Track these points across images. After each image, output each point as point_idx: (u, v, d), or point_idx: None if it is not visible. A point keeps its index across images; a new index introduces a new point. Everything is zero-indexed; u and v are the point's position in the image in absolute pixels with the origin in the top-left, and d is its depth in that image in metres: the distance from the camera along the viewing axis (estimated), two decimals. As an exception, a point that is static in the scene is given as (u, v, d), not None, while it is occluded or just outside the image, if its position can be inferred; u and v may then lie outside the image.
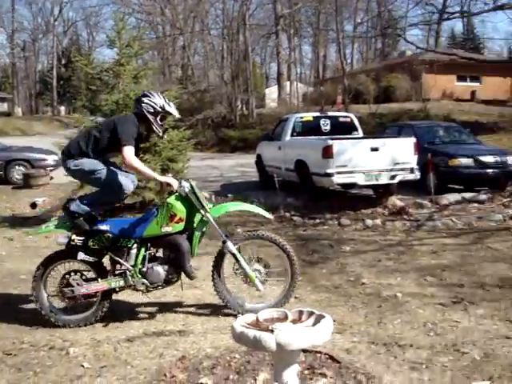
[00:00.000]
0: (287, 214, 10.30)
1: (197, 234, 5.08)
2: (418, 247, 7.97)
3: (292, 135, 12.80)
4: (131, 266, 5.04)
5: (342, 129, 12.88)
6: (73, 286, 5.01)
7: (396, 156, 10.75)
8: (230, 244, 5.08)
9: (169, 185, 4.96)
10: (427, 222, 9.39)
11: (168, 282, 5.10)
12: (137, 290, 5.14)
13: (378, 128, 21.53)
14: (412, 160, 10.85)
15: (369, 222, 9.21)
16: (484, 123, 25.99)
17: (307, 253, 7.57)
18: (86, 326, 5.04)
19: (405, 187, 11.40)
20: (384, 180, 10.76)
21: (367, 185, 11.18)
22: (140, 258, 5.05)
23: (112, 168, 5.15)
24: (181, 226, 4.98)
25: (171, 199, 4.99)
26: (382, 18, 44.17)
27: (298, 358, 3.36)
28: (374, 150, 10.68)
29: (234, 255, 5.09)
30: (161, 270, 5.01)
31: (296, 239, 8.59)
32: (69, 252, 5.09)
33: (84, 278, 5.08)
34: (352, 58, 57.14)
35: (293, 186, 12.08)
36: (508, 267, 6.71)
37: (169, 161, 10.69)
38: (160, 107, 5.10)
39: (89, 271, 5.12)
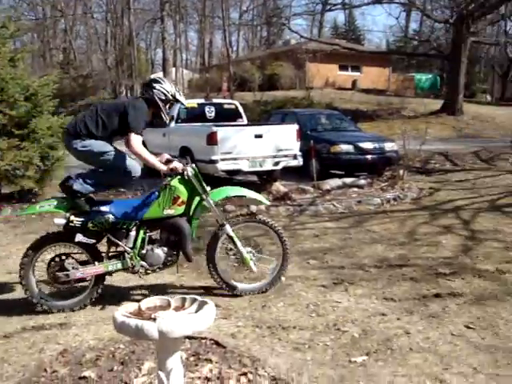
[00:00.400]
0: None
1: (196, 217, 5.15)
2: (302, 231, 8.16)
3: (177, 122, 12.71)
4: (130, 248, 4.99)
5: (227, 116, 12.95)
6: (68, 270, 4.86)
7: (279, 143, 10.96)
8: (228, 227, 5.18)
9: (173, 169, 4.98)
10: (310, 207, 9.63)
11: (166, 264, 5.10)
12: (133, 273, 5.09)
13: (262, 115, 21.83)
14: (295, 146, 11.09)
15: (253, 207, 9.31)
16: (364, 111, 27.09)
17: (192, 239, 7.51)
18: (80, 309, 4.95)
19: (288, 173, 11.64)
20: (268, 166, 10.94)
21: (252, 171, 11.31)
22: (139, 240, 5.02)
23: (120, 150, 5.09)
24: (182, 209, 5.03)
25: (175, 182, 5.01)
26: (268, 6, 44.69)
27: (182, 345, 3.35)
28: (258, 136, 10.82)
29: (231, 238, 5.20)
30: (160, 253, 5.03)
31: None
32: (64, 234, 4.94)
33: (79, 261, 4.95)
34: (238, 46, 57.64)
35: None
36: (384, 248, 7.04)
37: (49, 148, 10.30)
38: (171, 95, 5.14)
39: (81, 254, 5.01)
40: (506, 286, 5.47)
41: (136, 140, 4.88)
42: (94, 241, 4.93)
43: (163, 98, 5.11)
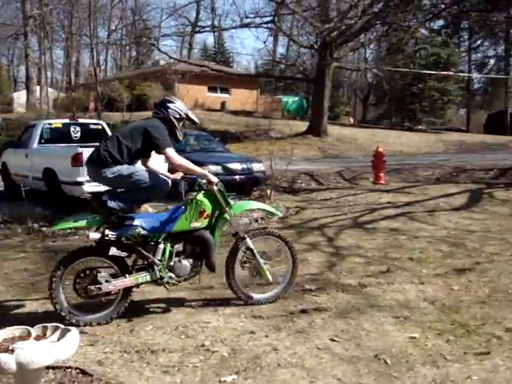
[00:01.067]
0: (35, 225, 9.74)
1: (218, 229, 5.46)
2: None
3: (40, 142, 12.21)
4: (158, 260, 5.19)
5: (93, 136, 12.58)
6: (100, 284, 4.97)
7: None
8: (248, 240, 5.52)
9: (210, 182, 5.25)
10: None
11: (191, 275, 5.38)
12: (160, 285, 5.32)
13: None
14: (163, 168, 11.00)
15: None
16: (232, 132, 27.51)
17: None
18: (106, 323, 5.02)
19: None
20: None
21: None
22: (167, 252, 5.25)
23: (146, 168, 5.42)
24: (207, 222, 5.33)
25: (200, 196, 5.31)
26: (137, 26, 44.36)
27: (45, 376, 3.18)
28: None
29: (251, 250, 5.53)
30: (187, 264, 5.31)
31: (45, 251, 8.16)
32: (96, 248, 5.10)
33: (111, 274, 5.07)
34: (106, 65, 56.48)
35: (41, 196, 11.49)
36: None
37: None
38: (184, 114, 5.47)
39: (110, 268, 5.12)
40: (367, 299, 5.74)
41: (173, 153, 5.18)
42: (126, 254, 5.13)
43: (177, 116, 5.42)
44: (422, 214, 10.69)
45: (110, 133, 13.14)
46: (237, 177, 12.81)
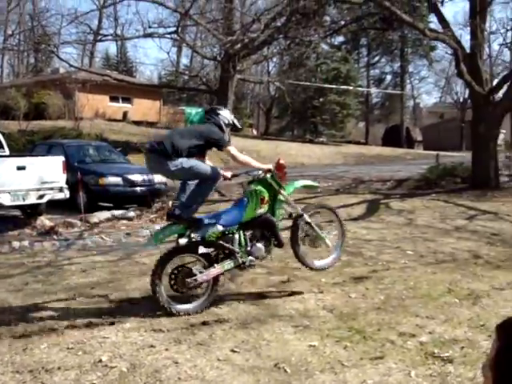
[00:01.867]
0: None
1: (277, 210, 6.22)
2: (69, 266, 7.84)
3: None
4: (238, 248, 5.89)
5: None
6: (195, 275, 5.63)
7: (44, 175, 10.48)
8: (306, 216, 6.33)
9: (268, 170, 6.08)
10: (77, 241, 9.33)
11: (266, 254, 6.13)
12: (242, 269, 6.06)
13: (28, 146, 20.73)
14: (61, 179, 10.68)
15: (16, 243, 8.75)
16: (134, 143, 27.07)
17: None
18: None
19: (55, 206, 11.16)
20: (32, 200, 10.38)
21: (14, 205, 10.62)
22: (242, 240, 5.95)
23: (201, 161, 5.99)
24: (268, 206, 6.09)
25: (257, 186, 6.07)
26: (36, 32, 42.84)
27: None
28: (21, 168, 10.22)
29: (309, 224, 6.36)
30: (261, 246, 6.03)
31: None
32: (189, 247, 5.77)
33: (203, 266, 5.76)
34: (2, 72, 54.17)
35: None
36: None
37: None
38: (231, 120, 6.16)
39: (199, 261, 5.80)
40: (268, 309, 5.79)
41: (235, 151, 5.95)
42: (212, 249, 5.82)
43: (226, 122, 6.09)
44: (321, 224, 10.91)
45: (4, 142, 12.61)
46: (137, 188, 12.65)
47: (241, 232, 5.97)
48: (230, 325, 5.28)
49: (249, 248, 5.97)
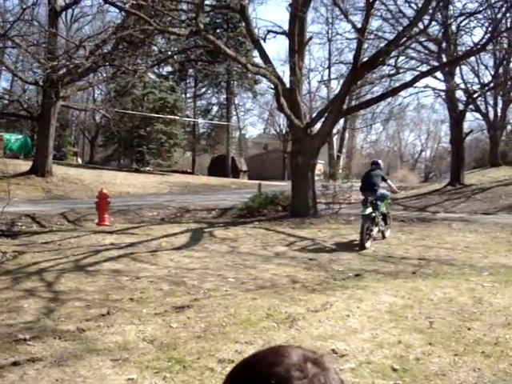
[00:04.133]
0: None
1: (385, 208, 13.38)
2: None
3: None
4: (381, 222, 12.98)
5: None
6: (379, 226, 12.84)
7: None
8: (380, 206, 12.73)
9: (394, 191, 13.89)
10: None
11: (385, 228, 13.34)
12: (378, 231, 12.86)
13: None
14: None
15: None
16: None
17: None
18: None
19: None
20: None
21: None
22: (381, 219, 12.80)
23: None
24: (385, 206, 13.17)
25: (388, 197, 13.36)
26: None
27: None
28: None
29: (384, 216, 13.16)
30: (384, 223, 13.19)
31: None
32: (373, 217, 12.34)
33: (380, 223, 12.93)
34: None
35: None
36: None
37: None
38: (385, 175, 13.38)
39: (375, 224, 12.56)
40: (85, 343, 5.57)
41: (391, 182, 13.65)
42: (381, 217, 12.89)
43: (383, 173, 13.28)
44: (144, 254, 10.83)
45: None
46: None
47: (380, 215, 12.57)
48: (44, 363, 5.00)
49: (382, 223, 12.85)
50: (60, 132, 40.92)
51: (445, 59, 23.89)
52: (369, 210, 11.83)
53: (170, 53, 27.01)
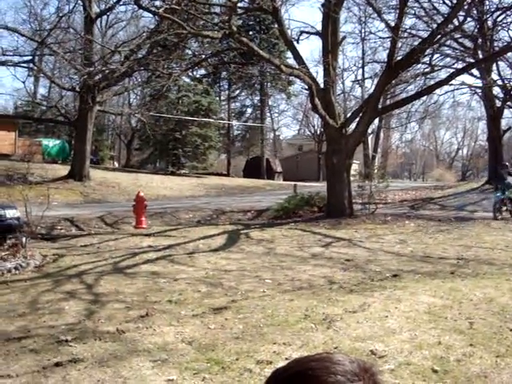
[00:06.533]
0: None
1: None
2: None
3: None
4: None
5: None
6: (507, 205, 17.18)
7: None
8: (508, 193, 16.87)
9: None
10: None
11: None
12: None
13: None
14: None
15: None
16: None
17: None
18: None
19: None
20: None
21: None
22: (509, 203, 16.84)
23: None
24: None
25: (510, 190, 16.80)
26: None
27: None
28: None
29: (510, 199, 16.57)
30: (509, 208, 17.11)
31: None
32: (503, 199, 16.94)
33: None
34: None
35: None
36: (3, 321, 6.62)
37: None
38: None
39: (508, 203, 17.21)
40: (125, 345, 5.63)
41: None
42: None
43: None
44: (182, 256, 10.91)
45: None
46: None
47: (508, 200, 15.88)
48: (86, 364, 5.08)
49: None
50: (97, 137, 41.49)
51: (481, 56, 23.54)
52: (499, 193, 16.54)
53: (203, 56, 27.14)
